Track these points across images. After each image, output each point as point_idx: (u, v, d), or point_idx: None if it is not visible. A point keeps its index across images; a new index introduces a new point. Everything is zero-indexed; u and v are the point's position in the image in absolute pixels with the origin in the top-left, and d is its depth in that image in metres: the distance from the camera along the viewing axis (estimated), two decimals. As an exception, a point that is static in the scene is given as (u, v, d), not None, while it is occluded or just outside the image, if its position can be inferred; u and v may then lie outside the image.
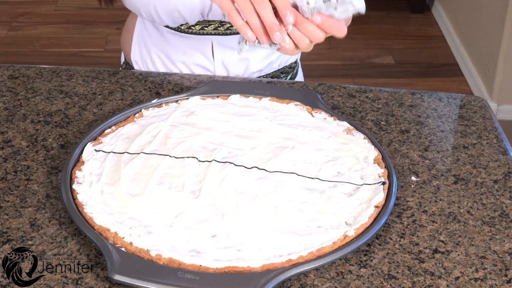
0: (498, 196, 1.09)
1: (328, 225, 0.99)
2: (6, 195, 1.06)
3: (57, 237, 0.98)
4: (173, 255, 0.93)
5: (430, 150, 1.19)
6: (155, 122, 1.18)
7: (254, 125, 1.18)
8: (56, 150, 1.16)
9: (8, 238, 0.98)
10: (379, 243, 0.99)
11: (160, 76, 1.37)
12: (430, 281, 0.94)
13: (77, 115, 1.25)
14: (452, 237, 1.01)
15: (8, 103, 1.28)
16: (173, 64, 1.43)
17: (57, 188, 1.07)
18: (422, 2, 3.70)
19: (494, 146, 1.20)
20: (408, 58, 3.35)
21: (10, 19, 3.65)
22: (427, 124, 1.26)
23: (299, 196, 1.04)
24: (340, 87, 1.34)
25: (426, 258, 0.97)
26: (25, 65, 1.39)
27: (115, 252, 0.93)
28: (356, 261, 0.96)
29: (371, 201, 1.02)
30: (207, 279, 0.90)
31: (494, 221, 1.04)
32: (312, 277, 0.93)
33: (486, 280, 0.94)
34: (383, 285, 0.93)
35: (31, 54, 3.36)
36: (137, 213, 1.00)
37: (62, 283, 0.92)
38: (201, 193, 1.03)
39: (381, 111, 1.28)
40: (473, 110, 1.30)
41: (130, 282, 0.89)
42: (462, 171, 1.14)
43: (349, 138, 1.16)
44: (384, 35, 3.54)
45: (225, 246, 0.95)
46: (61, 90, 1.32)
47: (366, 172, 1.09)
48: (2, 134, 1.20)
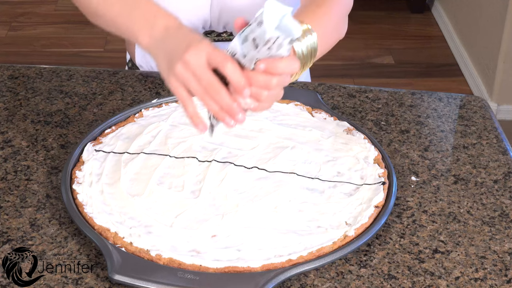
0: (498, 196, 1.09)
1: (328, 225, 0.99)
2: (6, 195, 1.06)
3: (57, 237, 0.98)
4: (173, 255, 0.93)
5: (430, 150, 1.18)
6: (155, 122, 1.18)
7: (254, 125, 1.18)
8: (56, 150, 1.16)
9: (8, 238, 0.98)
10: (379, 243, 0.99)
11: (160, 76, 1.37)
12: (430, 281, 0.94)
13: (77, 115, 1.25)
14: (452, 237, 1.01)
15: (8, 103, 1.28)
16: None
17: (57, 188, 1.07)
18: (422, 2, 3.70)
19: (494, 146, 1.20)
20: (408, 58, 3.35)
21: (10, 19, 3.65)
22: (427, 124, 1.26)
23: (299, 196, 1.04)
24: (340, 87, 1.34)
25: (426, 258, 0.97)
26: (25, 65, 1.39)
27: (115, 252, 0.93)
28: (356, 261, 0.96)
29: (371, 201, 1.02)
30: (207, 279, 0.90)
31: (494, 221, 1.04)
32: (312, 277, 0.93)
33: (486, 280, 0.94)
34: (383, 285, 0.93)
35: (31, 54, 3.36)
36: (137, 213, 1.00)
37: (62, 283, 0.92)
38: (201, 193, 1.03)
39: (381, 111, 1.28)
40: (473, 110, 1.30)
41: (130, 282, 0.89)
42: (462, 171, 1.14)
43: (349, 138, 1.16)
44: (384, 35, 3.54)
45: (225, 246, 0.95)
46: (61, 90, 1.32)
47: (366, 172, 1.09)
48: (2, 134, 1.20)
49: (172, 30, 0.89)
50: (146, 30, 0.90)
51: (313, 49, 0.96)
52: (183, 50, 0.85)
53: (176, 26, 0.90)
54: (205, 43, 0.85)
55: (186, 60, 0.85)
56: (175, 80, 0.87)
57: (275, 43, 0.82)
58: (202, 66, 0.85)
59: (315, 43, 0.96)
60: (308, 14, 1.00)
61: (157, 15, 0.90)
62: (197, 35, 0.88)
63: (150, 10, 0.92)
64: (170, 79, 0.88)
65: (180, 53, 0.85)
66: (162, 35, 0.89)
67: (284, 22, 0.82)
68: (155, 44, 0.89)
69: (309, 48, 0.95)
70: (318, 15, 1.01)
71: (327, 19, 1.04)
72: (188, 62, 0.85)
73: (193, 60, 0.85)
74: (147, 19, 0.90)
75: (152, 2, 0.94)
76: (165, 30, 0.89)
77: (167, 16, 0.91)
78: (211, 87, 0.85)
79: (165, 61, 0.88)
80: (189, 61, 0.85)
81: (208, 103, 0.87)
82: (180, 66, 0.86)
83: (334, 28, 1.06)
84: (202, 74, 0.85)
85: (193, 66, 0.85)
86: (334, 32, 1.07)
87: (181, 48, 0.85)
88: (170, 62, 0.87)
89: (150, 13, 0.91)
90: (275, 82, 0.85)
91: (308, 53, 0.95)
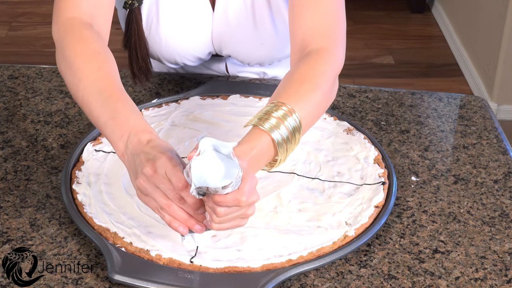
0: (498, 196, 1.09)
1: (328, 225, 0.99)
2: (6, 195, 1.06)
3: (57, 237, 0.98)
4: (173, 255, 0.93)
5: (430, 150, 1.18)
6: (155, 122, 1.18)
7: (254, 125, 1.17)
8: (56, 150, 1.16)
9: (8, 238, 0.98)
10: (379, 243, 0.99)
11: (160, 76, 1.37)
12: (430, 281, 0.94)
13: (77, 115, 1.25)
14: (452, 237, 1.01)
15: (8, 103, 1.28)
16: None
17: (57, 188, 1.07)
18: (422, 2, 3.70)
19: (494, 146, 1.20)
20: (408, 58, 3.35)
21: (10, 19, 3.65)
22: (427, 124, 1.26)
23: (299, 196, 1.04)
24: (340, 87, 1.34)
25: (426, 258, 0.97)
26: (25, 65, 1.39)
27: (115, 252, 0.93)
28: (356, 261, 0.96)
29: (371, 201, 1.02)
30: (207, 279, 0.90)
31: (494, 221, 1.04)
32: (312, 277, 0.93)
33: (486, 280, 0.94)
34: (383, 285, 0.93)
35: (31, 54, 3.35)
36: (137, 213, 0.99)
37: (62, 283, 0.92)
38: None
39: (381, 111, 1.28)
40: (473, 110, 1.30)
41: (130, 282, 0.89)
42: (462, 171, 1.14)
43: (349, 138, 1.16)
44: (384, 35, 3.53)
45: (225, 246, 0.95)
46: (61, 90, 1.32)
47: (366, 172, 1.09)
48: (2, 134, 1.20)
49: (142, 146, 0.91)
50: (121, 144, 0.93)
51: (295, 130, 0.95)
52: (143, 165, 0.88)
53: (146, 142, 0.92)
54: (163, 159, 0.88)
55: (144, 173, 0.88)
56: (140, 193, 0.91)
57: (208, 189, 0.85)
58: (159, 177, 0.88)
59: (298, 123, 0.95)
60: (289, 94, 0.97)
61: (132, 130, 0.93)
62: (162, 150, 0.90)
63: (126, 123, 0.94)
64: (137, 192, 0.91)
65: (141, 168, 0.89)
66: (133, 151, 0.92)
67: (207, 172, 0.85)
68: (127, 157, 0.92)
69: (290, 130, 0.94)
70: (300, 93, 0.98)
71: (313, 95, 0.99)
72: (146, 174, 0.88)
73: (148, 173, 0.88)
74: (121, 133, 0.93)
75: (130, 108, 0.96)
76: (136, 146, 0.92)
77: (140, 130, 0.93)
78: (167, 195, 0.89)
79: (133, 175, 0.91)
80: (146, 174, 0.88)
81: (170, 216, 0.90)
82: (140, 180, 0.89)
83: (321, 100, 1.01)
84: (160, 184, 0.88)
85: (151, 178, 0.88)
86: (321, 104, 1.02)
87: (143, 164, 0.89)
88: (134, 176, 0.91)
89: (125, 128, 0.93)
90: (222, 211, 0.86)
91: (290, 136, 0.94)
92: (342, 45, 1.07)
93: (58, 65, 1.05)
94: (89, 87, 0.98)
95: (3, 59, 3.26)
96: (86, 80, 0.99)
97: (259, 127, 0.93)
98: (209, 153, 0.86)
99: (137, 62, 1.24)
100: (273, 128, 0.93)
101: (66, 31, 1.05)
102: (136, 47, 1.22)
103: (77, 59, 1.01)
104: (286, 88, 0.99)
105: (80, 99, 0.99)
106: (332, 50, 1.05)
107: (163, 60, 1.29)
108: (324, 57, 1.03)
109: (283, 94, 0.98)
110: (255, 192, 0.88)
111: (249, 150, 0.91)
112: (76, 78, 1.00)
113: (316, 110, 1.01)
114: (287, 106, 0.94)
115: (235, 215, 0.88)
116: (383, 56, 3.37)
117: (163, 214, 0.90)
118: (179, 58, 1.28)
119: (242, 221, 0.91)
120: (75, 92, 1.00)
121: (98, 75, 0.99)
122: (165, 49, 1.26)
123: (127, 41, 1.23)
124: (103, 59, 1.01)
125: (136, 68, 1.24)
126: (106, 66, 1.01)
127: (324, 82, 1.01)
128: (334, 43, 1.06)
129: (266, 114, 0.94)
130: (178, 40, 1.25)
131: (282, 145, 0.94)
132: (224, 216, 0.87)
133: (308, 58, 1.03)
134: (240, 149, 0.91)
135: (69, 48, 1.03)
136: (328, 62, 1.03)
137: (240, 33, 1.25)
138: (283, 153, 0.94)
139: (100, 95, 0.97)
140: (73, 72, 1.01)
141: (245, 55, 1.29)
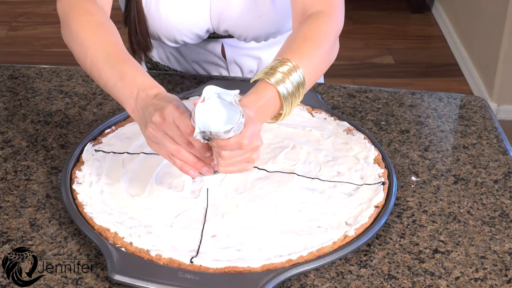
0: (498, 196, 1.09)
1: (328, 225, 0.99)
2: (6, 195, 1.06)
3: (57, 237, 0.98)
4: (173, 255, 0.93)
5: (430, 150, 1.18)
6: (155, 122, 1.18)
7: (254, 125, 1.18)
8: (56, 150, 1.16)
9: (8, 238, 0.98)
10: (379, 243, 0.99)
11: (160, 76, 1.37)
12: (430, 281, 0.94)
13: (77, 115, 1.25)
14: (452, 237, 1.01)
15: (8, 103, 1.28)
16: (188, 63, 1.43)
17: (57, 188, 1.07)
18: (422, 2, 3.70)
19: (494, 146, 1.20)
20: (408, 58, 3.35)
21: (10, 19, 3.65)
22: (427, 124, 1.26)
23: (299, 196, 1.04)
24: (340, 87, 1.34)
25: (426, 258, 0.97)
26: (25, 65, 1.39)
27: (115, 252, 0.93)
28: (356, 261, 0.96)
29: (371, 201, 1.02)
30: (207, 279, 0.90)
31: (494, 221, 1.04)
32: (312, 277, 0.93)
33: (486, 280, 0.94)
34: (383, 285, 0.93)
35: (31, 54, 3.35)
36: (137, 213, 1.00)
37: (62, 283, 0.92)
38: (201, 193, 1.03)
39: (381, 111, 1.28)
40: (473, 110, 1.30)
41: (130, 282, 0.89)
42: (462, 171, 1.14)
43: (349, 138, 1.16)
44: (384, 35, 3.53)
45: (225, 246, 0.95)
46: (61, 90, 1.32)
47: (366, 172, 1.09)
48: (2, 134, 1.20)
49: (150, 99, 0.96)
50: (131, 101, 0.99)
51: (300, 85, 1.00)
52: (152, 114, 0.94)
53: (154, 95, 0.97)
54: (170, 107, 0.93)
55: (153, 121, 0.93)
56: (150, 142, 0.96)
57: (212, 134, 0.89)
58: (168, 125, 0.93)
59: (302, 79, 1.00)
60: (293, 51, 1.03)
61: (140, 87, 0.98)
62: (169, 100, 0.95)
63: (134, 81, 0.99)
64: (147, 142, 0.97)
65: (150, 117, 0.94)
66: (142, 105, 0.97)
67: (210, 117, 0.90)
68: (137, 112, 0.98)
69: (295, 85, 0.99)
70: (304, 51, 1.04)
71: (315, 53, 1.05)
72: (155, 122, 0.93)
73: (157, 121, 0.93)
74: (131, 91, 0.99)
75: (137, 68, 1.02)
76: (144, 100, 0.97)
77: (148, 86, 0.98)
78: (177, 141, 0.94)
79: (143, 126, 0.97)
80: (155, 122, 0.93)
81: (180, 160, 0.95)
82: (149, 129, 0.94)
83: (323, 58, 1.07)
84: (168, 131, 0.93)
85: (160, 126, 0.93)
86: (323, 62, 1.08)
87: (151, 113, 0.94)
88: (144, 126, 0.96)
89: (134, 86, 0.99)
90: (226, 154, 0.91)
91: (294, 90, 1.00)
92: (341, 9, 1.14)
93: (65, 38, 1.10)
94: (97, 53, 1.04)
95: (3, 59, 3.26)
96: (93, 47, 1.05)
97: (266, 81, 0.98)
98: (213, 100, 0.91)
99: (136, 37, 1.30)
100: (279, 82, 0.98)
101: (71, 6, 1.11)
102: (135, 22, 1.28)
103: (83, 31, 1.07)
104: (290, 46, 1.05)
105: (89, 65, 1.05)
106: (332, 12, 1.11)
107: (163, 37, 1.33)
108: (325, 19, 1.10)
109: (287, 51, 1.03)
110: (258, 137, 0.93)
111: (256, 101, 0.97)
112: (84, 47, 1.06)
113: (318, 68, 1.07)
114: (291, 62, 1.00)
115: (240, 159, 0.93)
116: (383, 56, 3.38)
117: (174, 160, 0.95)
118: (179, 35, 1.32)
119: (248, 165, 0.95)
120: (84, 60, 1.06)
121: (104, 41, 1.05)
122: (165, 26, 1.30)
123: (126, 16, 1.28)
124: (107, 28, 1.07)
125: (136, 43, 1.31)
126: (111, 34, 1.07)
127: (325, 42, 1.07)
128: (334, 6, 1.12)
129: (271, 69, 1.00)
130: (177, 17, 1.29)
131: (288, 98, 0.99)
132: (229, 159, 0.92)
133: (310, 20, 1.09)
134: (248, 99, 0.96)
135: (75, 21, 1.08)
136: (329, 23, 1.10)
137: (238, 4, 1.27)
138: (288, 107, 1.00)
139: (107, 59, 1.03)
140: (80, 42, 1.06)
141: (242, 29, 1.31)
